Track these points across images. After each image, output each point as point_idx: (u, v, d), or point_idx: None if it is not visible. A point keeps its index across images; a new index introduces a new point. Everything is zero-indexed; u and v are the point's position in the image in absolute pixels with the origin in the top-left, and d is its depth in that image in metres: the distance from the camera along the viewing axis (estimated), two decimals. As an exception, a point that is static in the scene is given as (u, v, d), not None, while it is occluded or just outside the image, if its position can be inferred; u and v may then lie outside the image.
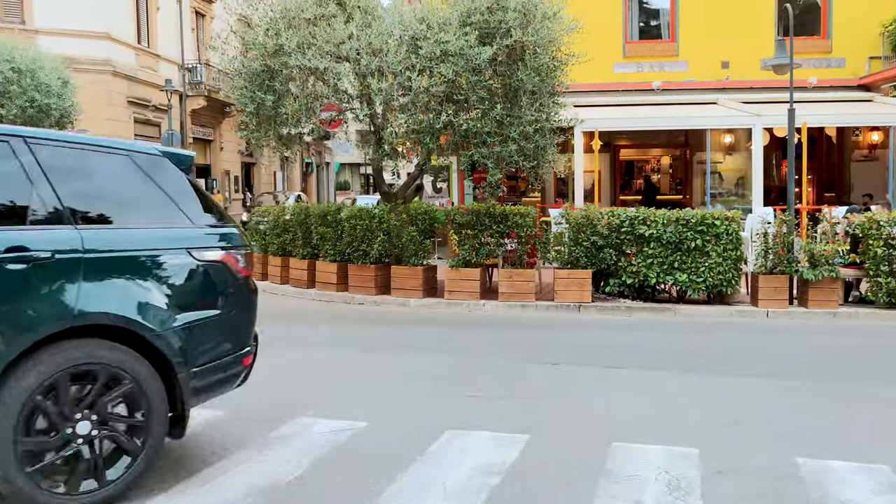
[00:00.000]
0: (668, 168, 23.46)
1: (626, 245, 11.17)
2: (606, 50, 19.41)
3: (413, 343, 8.92)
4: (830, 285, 10.78)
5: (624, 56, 19.68)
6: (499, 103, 10.94)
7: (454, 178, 20.31)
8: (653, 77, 19.38)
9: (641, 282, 11.12)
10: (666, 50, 19.66)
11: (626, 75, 19.58)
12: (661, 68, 19.63)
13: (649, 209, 11.24)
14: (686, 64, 19.56)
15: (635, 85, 19.28)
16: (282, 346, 7.89)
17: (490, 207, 11.47)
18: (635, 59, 19.70)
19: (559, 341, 9.07)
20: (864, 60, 18.87)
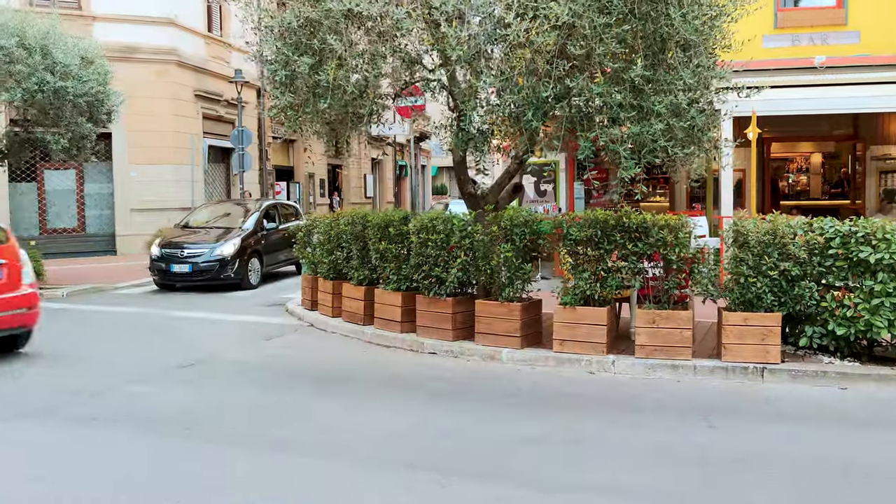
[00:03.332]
0: (821, 166, 19.15)
1: (834, 276, 7.28)
2: (752, 20, 15.35)
3: (511, 460, 5.38)
4: None
5: (776, 27, 15.54)
6: (640, 59, 7.27)
7: (562, 177, 16.67)
8: (813, 52, 15.17)
9: (862, 332, 7.20)
10: (831, 18, 15.42)
11: (777, 51, 15.42)
12: (823, 41, 15.40)
13: (870, 220, 7.32)
14: (858, 35, 15.27)
15: (790, 62, 15.09)
16: (267, 449, 4.49)
17: (623, 216, 7.78)
18: (790, 31, 15.53)
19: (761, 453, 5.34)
20: None
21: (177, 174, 20.15)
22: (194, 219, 14.94)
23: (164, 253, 13.26)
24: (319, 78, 7.91)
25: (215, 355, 8.49)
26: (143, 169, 19.92)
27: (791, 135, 16.88)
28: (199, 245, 13.28)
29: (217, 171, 22.83)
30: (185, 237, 13.84)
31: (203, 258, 13.06)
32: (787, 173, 20.70)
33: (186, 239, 13.70)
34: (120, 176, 19.98)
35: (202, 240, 13.53)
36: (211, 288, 13.34)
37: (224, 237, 13.52)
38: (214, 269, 13.03)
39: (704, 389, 7.02)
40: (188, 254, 13.12)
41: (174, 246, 13.36)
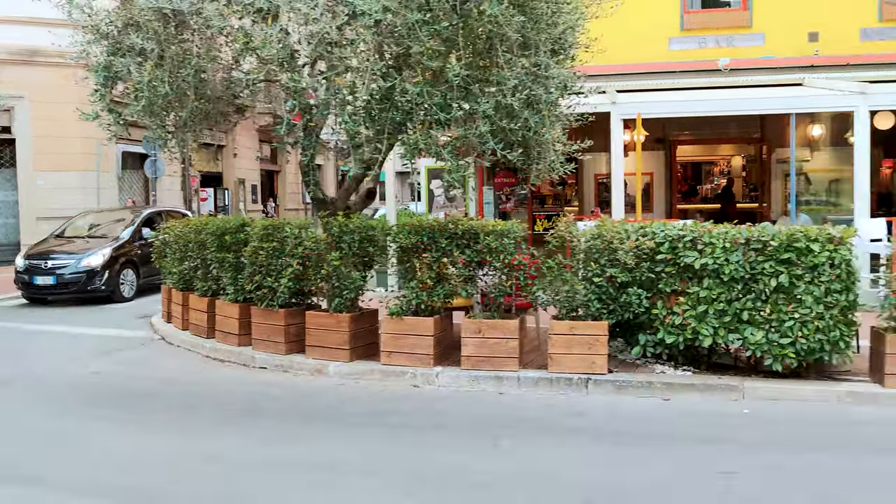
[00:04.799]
0: (741, 170, 19.03)
1: (664, 282, 6.99)
2: (659, 22, 15.26)
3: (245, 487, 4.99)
4: None
5: (682, 29, 15.41)
6: (455, 58, 6.93)
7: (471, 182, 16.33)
8: (719, 54, 15.03)
9: (689, 340, 6.91)
10: (736, 20, 15.31)
11: (684, 53, 15.28)
12: (729, 43, 15.29)
13: (703, 225, 7.04)
14: (763, 37, 15.17)
15: (696, 64, 14.94)
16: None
17: (450, 222, 7.44)
18: (696, 33, 15.40)
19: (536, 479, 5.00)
20: None
21: (83, 181, 19.52)
22: (72, 228, 14.30)
23: (28, 265, 12.63)
24: (140, 79, 7.51)
25: (33, 373, 8.02)
26: (48, 176, 19.27)
27: (709, 137, 16.72)
28: (66, 256, 12.66)
29: (134, 178, 22.20)
30: (54, 247, 13.21)
31: (69, 269, 12.46)
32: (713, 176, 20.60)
33: (54, 249, 13.07)
34: (25, 183, 19.31)
35: (70, 250, 12.91)
36: (85, 301, 12.77)
37: (94, 247, 12.91)
38: (81, 281, 12.43)
39: (524, 402, 6.68)
40: (52, 265, 12.51)
41: (39, 257, 12.74)
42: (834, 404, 6.51)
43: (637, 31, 14.94)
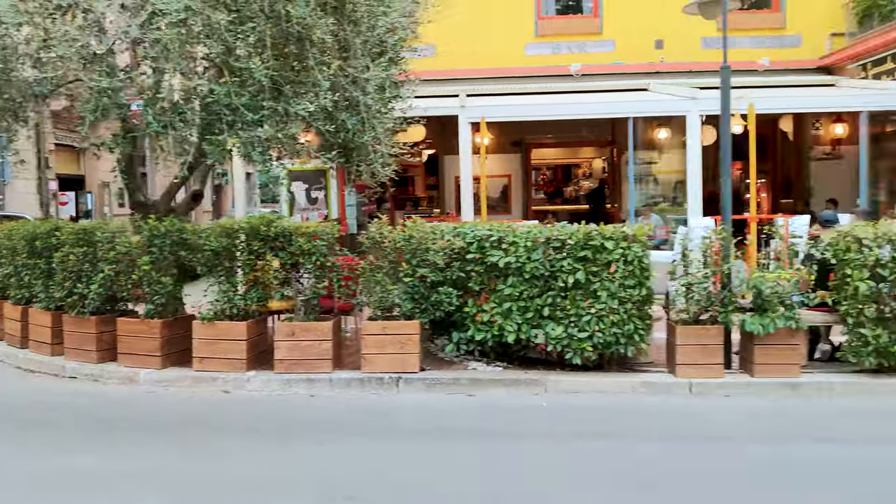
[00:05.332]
0: (602, 172, 19.69)
1: (474, 281, 7.15)
2: (516, 28, 15.63)
3: None
4: (789, 339, 6.85)
5: (537, 35, 15.84)
6: (268, 59, 6.87)
7: (333, 184, 16.22)
8: (572, 60, 15.55)
9: (496, 336, 7.09)
10: (588, 27, 15.87)
11: (539, 58, 15.73)
12: (581, 49, 15.82)
13: (510, 225, 7.24)
14: (612, 44, 15.77)
15: (551, 69, 15.41)
16: None
17: (263, 223, 7.37)
18: (551, 39, 15.87)
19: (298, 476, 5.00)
20: (824, 38, 15.23)
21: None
22: None
23: None
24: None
25: None
26: None
27: (564, 140, 17.19)
28: None
29: (-18, 182, 20.98)
30: None
31: None
32: (576, 178, 21.20)
33: None
34: None
35: None
36: None
37: None
38: None
39: (334, 404, 6.69)
40: None
41: None
42: (629, 395, 6.82)
43: (495, 36, 15.26)
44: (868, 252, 6.64)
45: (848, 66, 14.61)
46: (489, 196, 16.13)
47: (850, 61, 14.46)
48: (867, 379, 6.83)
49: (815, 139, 15.92)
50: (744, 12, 15.79)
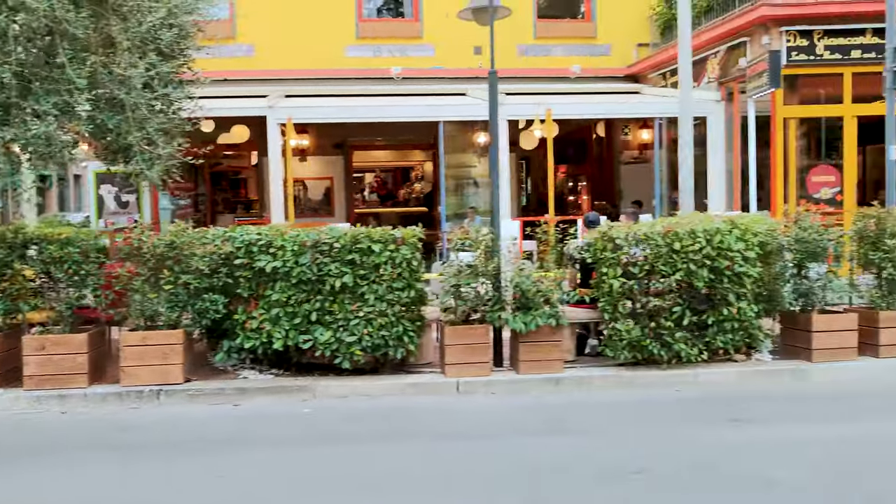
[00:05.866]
0: (434, 175, 19.89)
1: (242, 287, 6.96)
2: (336, 29, 15.49)
3: None
4: (552, 336, 7.11)
5: (357, 37, 15.77)
6: (13, 52, 6.40)
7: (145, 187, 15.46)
8: (393, 63, 15.60)
9: (265, 344, 6.94)
10: (408, 31, 15.96)
11: (360, 60, 15.67)
12: (402, 53, 15.89)
13: (279, 228, 7.11)
14: (433, 48, 15.95)
15: (372, 72, 15.40)
16: None
17: (9, 230, 6.87)
18: (371, 42, 15.84)
19: None
20: (631, 48, 16.09)
21: None
22: None
23: None
24: None
25: None
26: None
27: (381, 143, 17.21)
28: None
29: None
30: None
31: None
32: (409, 182, 21.28)
33: None
34: None
35: None
36: None
37: None
38: None
39: (87, 419, 6.31)
40: None
41: None
42: (398, 397, 6.84)
43: (315, 37, 15.08)
44: (620, 251, 6.99)
45: (650, 74, 15.49)
46: (311, 199, 15.97)
47: (652, 70, 15.34)
48: (624, 372, 7.19)
49: (625, 144, 16.76)
50: (557, 21, 16.48)
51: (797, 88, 12.14)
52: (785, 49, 11.46)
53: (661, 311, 7.03)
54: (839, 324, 7.57)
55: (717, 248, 7.06)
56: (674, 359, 7.16)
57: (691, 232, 7.05)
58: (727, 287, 7.13)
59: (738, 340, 7.38)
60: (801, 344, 7.62)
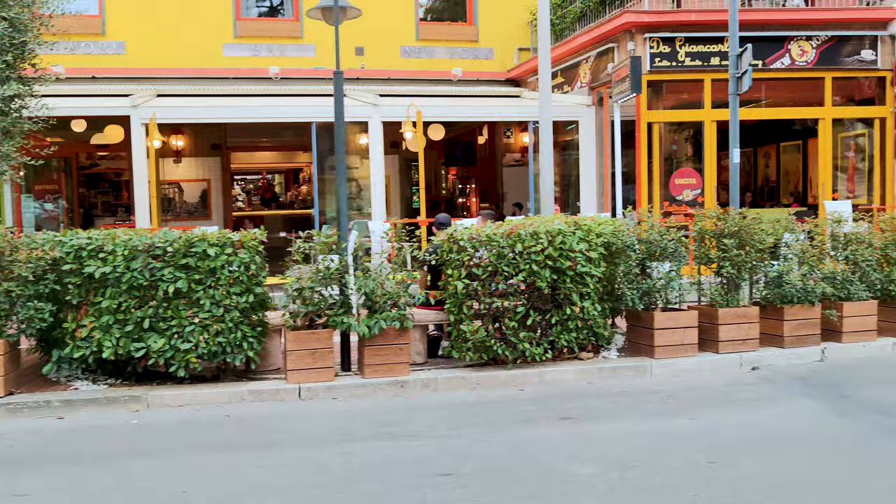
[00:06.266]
0: (324, 177, 19.67)
1: (71, 294, 6.65)
2: (213, 27, 15.11)
3: None
4: (398, 339, 7.08)
5: (236, 36, 15.43)
6: None
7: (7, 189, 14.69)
8: (272, 63, 15.35)
9: (96, 353, 6.64)
10: (288, 30, 15.72)
11: (238, 60, 15.34)
12: (282, 52, 15.64)
13: (110, 232, 6.82)
14: (314, 48, 15.76)
15: (250, 72, 15.11)
16: None
17: None
18: (250, 41, 15.53)
19: None
20: (513, 52, 16.32)
21: None
22: None
23: None
24: None
25: None
26: None
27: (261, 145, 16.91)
28: None
29: None
30: None
31: None
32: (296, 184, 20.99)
33: None
34: None
35: None
36: None
37: None
38: None
39: None
40: None
41: None
42: (238, 404, 6.67)
43: (192, 35, 14.66)
44: (464, 253, 7.02)
45: (529, 78, 15.74)
46: (186, 201, 15.52)
47: (532, 74, 15.56)
48: (472, 373, 7.23)
49: (507, 147, 16.97)
50: (440, 24, 16.55)
51: (662, 94, 12.55)
52: (649, 55, 11.82)
53: (506, 311, 7.09)
54: (680, 321, 7.82)
55: (559, 248, 7.18)
56: (519, 358, 7.24)
57: (534, 233, 7.14)
58: (570, 287, 7.26)
59: (583, 339, 7.53)
60: (645, 341, 7.84)
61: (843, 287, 8.45)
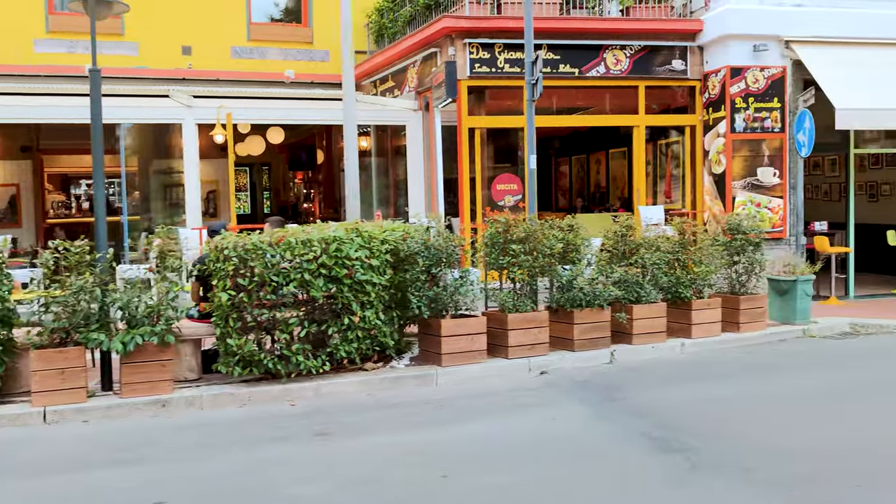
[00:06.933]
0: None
1: None
2: (22, 21, 14.07)
3: None
4: (160, 355, 6.64)
5: (48, 31, 14.44)
6: None
7: None
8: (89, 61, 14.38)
9: None
10: (107, 27, 14.71)
11: (52, 56, 14.36)
12: (100, 50, 14.67)
13: None
14: (136, 46, 14.95)
15: (67, 69, 14.14)
16: None
17: None
18: (65, 37, 14.56)
19: None
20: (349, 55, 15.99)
21: None
22: None
23: None
24: None
25: None
26: None
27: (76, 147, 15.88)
28: None
29: None
30: None
31: None
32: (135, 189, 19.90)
33: None
34: None
35: None
36: None
37: None
38: None
39: None
40: None
41: None
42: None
43: (-4, 29, 13.62)
44: (228, 263, 6.66)
45: (364, 82, 15.53)
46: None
47: (366, 77, 15.39)
48: (242, 388, 6.88)
49: (342, 151, 16.68)
50: (274, 24, 16.09)
51: (485, 100, 12.59)
52: (468, 61, 11.81)
53: (277, 323, 6.79)
54: (468, 328, 7.75)
55: (335, 256, 6.94)
56: (295, 372, 6.95)
57: (306, 241, 6.88)
58: (348, 296, 7.03)
59: (366, 349, 7.33)
60: (434, 349, 7.72)
61: (633, 290, 8.63)
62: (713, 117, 12.22)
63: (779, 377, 7.70)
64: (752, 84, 11.87)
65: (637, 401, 6.75)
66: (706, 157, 12.37)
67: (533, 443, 5.66)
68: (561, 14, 12.36)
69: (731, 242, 9.38)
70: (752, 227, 9.39)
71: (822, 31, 11.86)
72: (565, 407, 6.64)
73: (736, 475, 4.82)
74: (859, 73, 11.57)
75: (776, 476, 4.81)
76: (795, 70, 11.95)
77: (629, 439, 5.66)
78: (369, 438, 5.83)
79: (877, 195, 14.94)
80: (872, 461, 5.10)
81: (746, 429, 5.91)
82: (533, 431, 5.97)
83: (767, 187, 11.89)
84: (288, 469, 5.09)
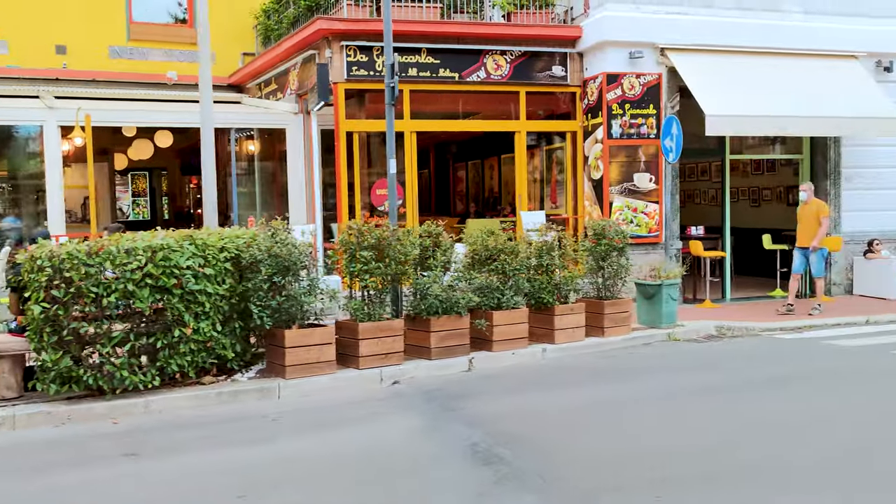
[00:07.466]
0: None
1: None
2: None
3: None
4: (-35, 374, 6.18)
5: None
6: None
7: None
8: (-51, 60, 13.67)
9: None
10: (-30, 26, 14.06)
11: None
12: (-32, 47, 13.99)
13: None
14: (6, 45, 14.23)
15: None
16: None
17: None
18: (-79, 31, 13.76)
19: None
20: (237, 56, 15.63)
21: None
22: None
23: None
24: None
25: None
26: None
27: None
28: None
29: None
30: None
31: None
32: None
33: None
34: None
35: None
36: None
37: None
38: None
39: None
40: None
41: None
42: None
43: None
44: (42, 273, 6.26)
45: (250, 84, 15.15)
46: None
47: (252, 79, 15.00)
48: (61, 406, 6.47)
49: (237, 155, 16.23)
50: (156, 24, 15.54)
51: (365, 103, 12.36)
52: (346, 63, 11.56)
53: (98, 337, 6.41)
54: (315, 338, 7.50)
55: (162, 265, 6.60)
56: (120, 388, 6.57)
57: (130, 249, 6.52)
58: (179, 307, 6.70)
59: (201, 362, 7.01)
60: (279, 361, 7.45)
61: (493, 296, 8.53)
62: (592, 123, 12.28)
63: (630, 382, 7.69)
64: (628, 90, 11.97)
65: (477, 410, 6.61)
66: (586, 163, 12.43)
67: (354, 458, 5.46)
68: (442, 18, 12.23)
69: (596, 248, 9.38)
70: (616, 232, 9.41)
71: (696, 39, 12.03)
72: (401, 419, 6.46)
73: (535, 487, 4.70)
74: (730, 80, 11.80)
75: (579, 486, 4.71)
76: (670, 77, 12.08)
77: (453, 452, 5.50)
78: (182, 458, 5.52)
79: (759, 200, 15.31)
80: (687, 466, 5.06)
81: (576, 436, 5.84)
82: (359, 446, 5.77)
83: (644, 192, 12.00)
84: (82, 495, 4.74)
